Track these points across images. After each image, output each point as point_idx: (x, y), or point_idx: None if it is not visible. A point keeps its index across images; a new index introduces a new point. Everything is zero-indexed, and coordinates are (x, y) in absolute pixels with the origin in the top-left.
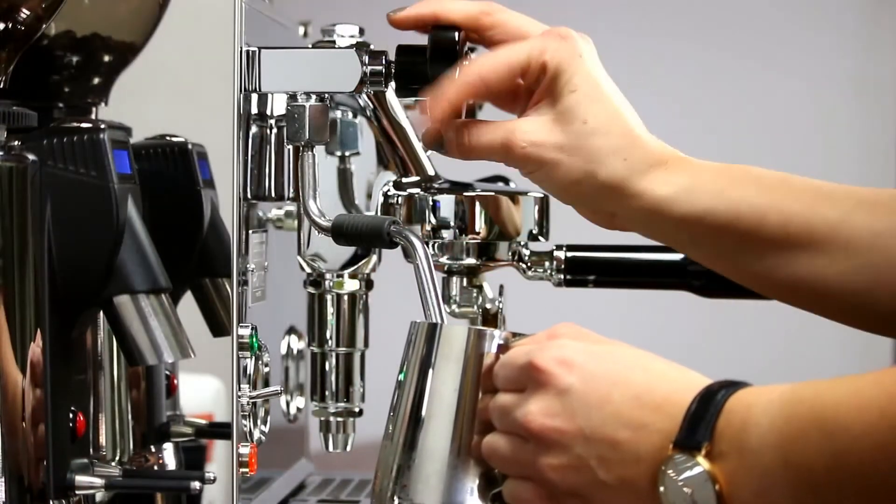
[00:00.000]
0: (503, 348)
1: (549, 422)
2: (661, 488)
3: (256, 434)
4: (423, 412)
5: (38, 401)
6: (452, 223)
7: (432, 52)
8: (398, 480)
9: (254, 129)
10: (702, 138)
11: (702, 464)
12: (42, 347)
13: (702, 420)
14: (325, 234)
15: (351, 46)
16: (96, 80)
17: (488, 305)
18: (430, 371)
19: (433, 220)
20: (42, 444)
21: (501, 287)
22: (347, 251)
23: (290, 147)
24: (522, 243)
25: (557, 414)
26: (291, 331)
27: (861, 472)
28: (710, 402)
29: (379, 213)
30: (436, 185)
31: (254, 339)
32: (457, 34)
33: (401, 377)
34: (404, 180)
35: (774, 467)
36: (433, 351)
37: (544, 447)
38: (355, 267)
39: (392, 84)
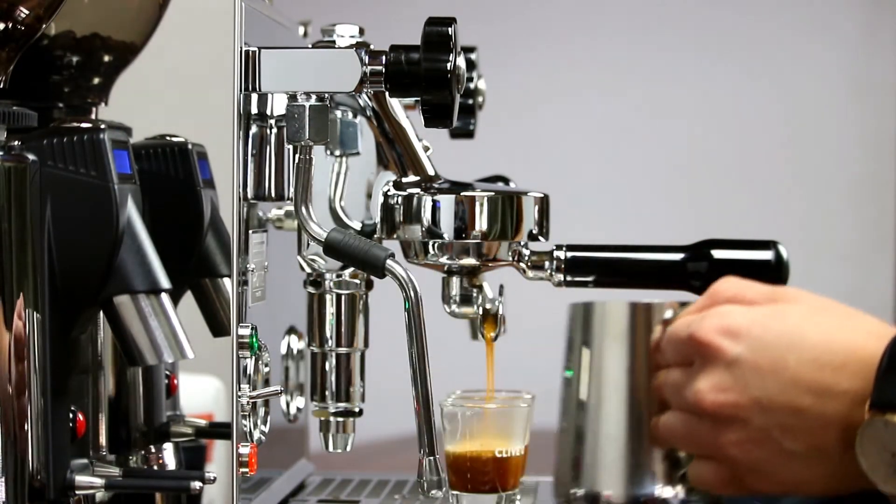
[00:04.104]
0: (668, 322)
1: (721, 397)
2: (861, 453)
3: (256, 434)
4: (594, 397)
5: (38, 401)
6: (452, 223)
7: (425, 46)
8: (577, 470)
9: (254, 129)
10: (702, 140)
11: None
12: (42, 347)
13: None
14: (318, 244)
15: (351, 46)
16: (96, 80)
17: (488, 305)
18: (596, 353)
19: (433, 220)
20: (42, 444)
21: (501, 287)
22: None
23: (290, 147)
24: (522, 243)
25: (729, 388)
26: (291, 331)
27: None
28: None
29: (379, 214)
30: (436, 185)
31: (254, 339)
32: (450, 29)
33: (567, 373)
34: (404, 180)
35: None
36: (596, 331)
37: (721, 424)
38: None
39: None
